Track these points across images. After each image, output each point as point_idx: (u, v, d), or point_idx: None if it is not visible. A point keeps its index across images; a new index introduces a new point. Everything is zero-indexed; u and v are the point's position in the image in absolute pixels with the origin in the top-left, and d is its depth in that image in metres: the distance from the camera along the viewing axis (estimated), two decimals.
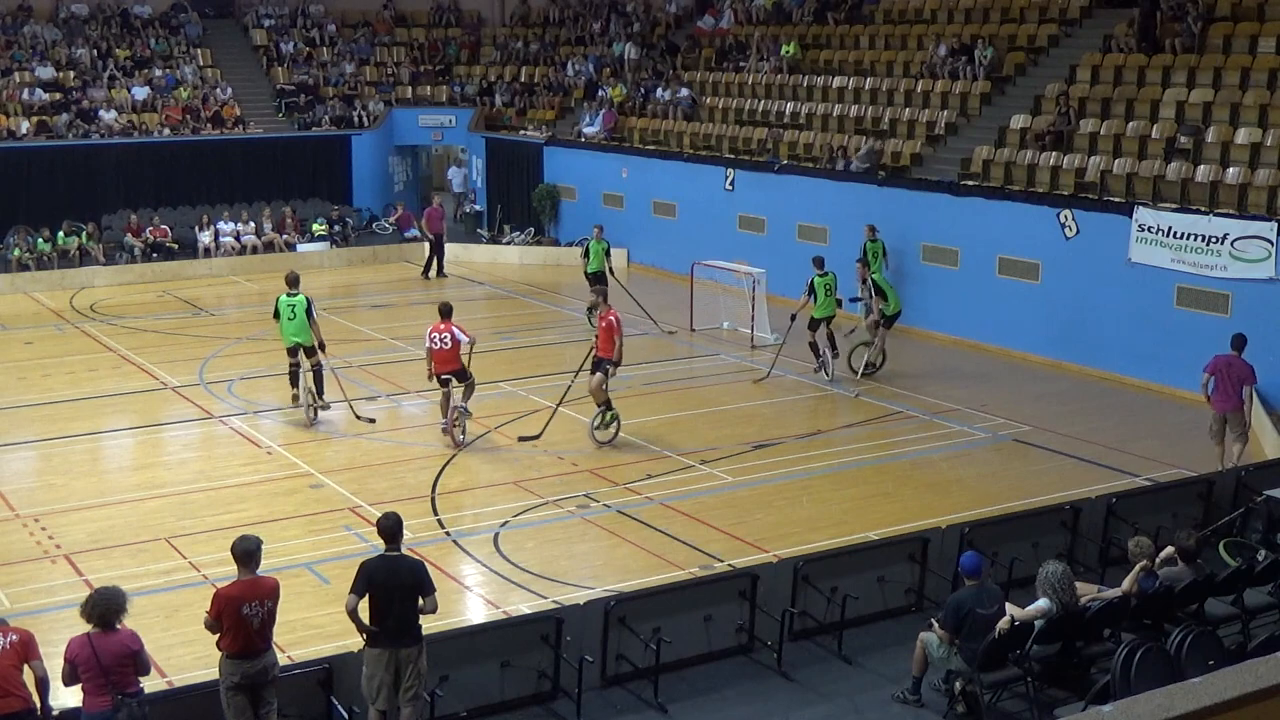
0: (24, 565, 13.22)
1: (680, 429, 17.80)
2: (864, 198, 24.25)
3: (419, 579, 9.03)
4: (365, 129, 33.87)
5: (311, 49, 36.25)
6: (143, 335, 23.33)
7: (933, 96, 26.03)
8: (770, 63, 30.10)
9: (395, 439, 17.49)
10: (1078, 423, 17.89)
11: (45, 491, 15.45)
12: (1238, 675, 4.94)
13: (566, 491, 15.27)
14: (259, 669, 8.70)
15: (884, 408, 18.76)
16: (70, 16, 34.37)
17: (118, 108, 31.70)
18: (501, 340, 22.69)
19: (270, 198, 31.44)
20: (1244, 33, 22.38)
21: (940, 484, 15.63)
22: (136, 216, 29.54)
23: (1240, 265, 18.38)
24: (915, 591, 11.79)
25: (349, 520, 14.28)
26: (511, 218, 32.83)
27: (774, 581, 11.09)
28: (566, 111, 33.97)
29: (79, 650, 8.22)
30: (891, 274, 22.73)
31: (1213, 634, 9.58)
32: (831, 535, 13.57)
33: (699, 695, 10.38)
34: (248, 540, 8.90)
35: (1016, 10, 27.08)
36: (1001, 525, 12.51)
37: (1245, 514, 12.97)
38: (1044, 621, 9.78)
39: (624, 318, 18.46)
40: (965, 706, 9.88)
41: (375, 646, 8.98)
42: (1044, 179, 22.03)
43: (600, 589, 11.98)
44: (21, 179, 29.68)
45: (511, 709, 10.03)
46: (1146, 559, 10.49)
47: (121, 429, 18.15)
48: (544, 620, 10.29)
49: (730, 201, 27.11)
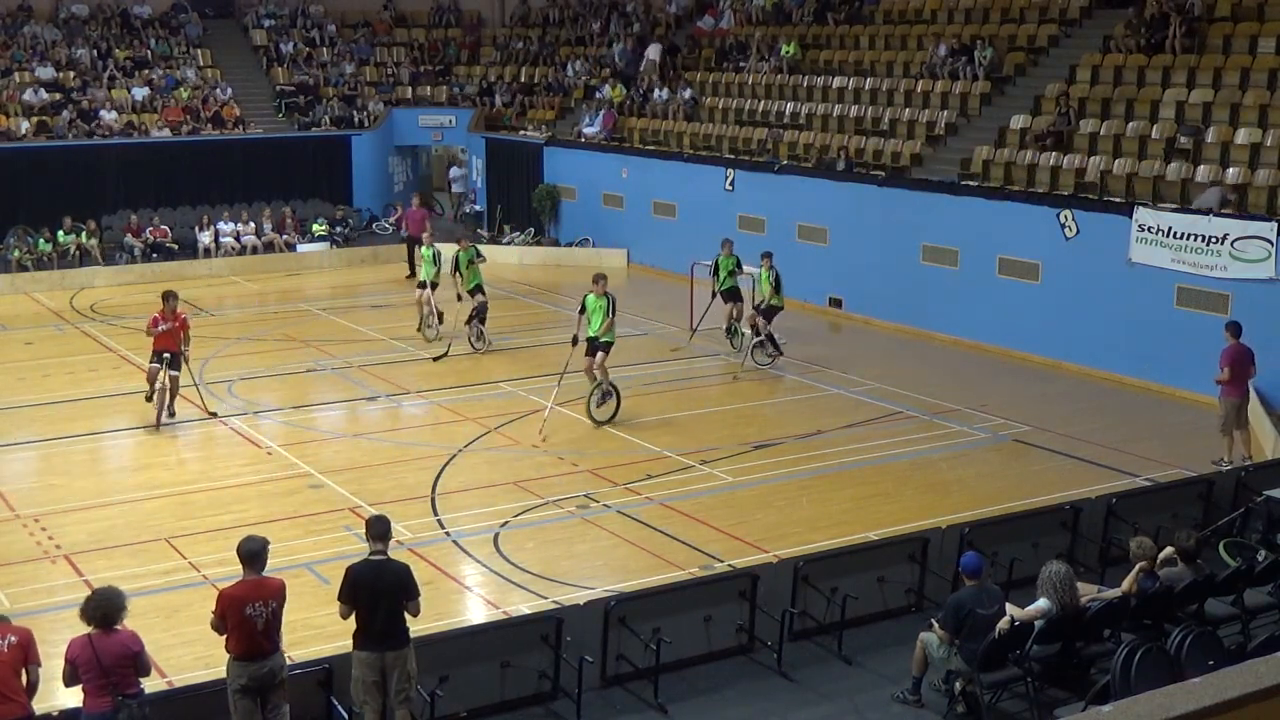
0: (24, 565, 13.23)
1: (680, 429, 17.80)
2: (864, 198, 24.26)
3: (404, 582, 9.04)
4: (365, 129, 33.89)
5: (311, 49, 36.25)
6: (143, 335, 23.26)
7: (933, 96, 26.03)
8: (770, 63, 30.11)
9: (395, 439, 17.49)
10: (1078, 423, 17.88)
11: (45, 491, 15.45)
12: (1238, 675, 4.95)
13: (566, 491, 15.27)
14: (266, 671, 8.66)
15: (884, 408, 18.76)
16: (70, 17, 34.38)
17: (118, 108, 31.70)
18: (501, 340, 22.69)
19: (270, 198, 31.43)
20: (1244, 33, 22.37)
21: (940, 484, 15.62)
22: (136, 217, 29.54)
23: (1240, 265, 18.38)
24: (915, 591, 11.78)
25: (349, 520, 14.27)
26: (511, 218, 32.84)
27: (774, 581, 11.09)
28: (566, 112, 33.97)
29: (79, 651, 8.20)
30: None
31: (1213, 634, 9.57)
32: (831, 535, 13.57)
33: (699, 695, 10.38)
34: (253, 540, 8.89)
35: (1016, 10, 27.08)
36: (1001, 525, 12.51)
37: (1245, 514, 12.97)
38: (1044, 621, 9.79)
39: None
40: (965, 706, 9.89)
41: (362, 649, 9.00)
42: (1044, 179, 22.03)
43: (600, 589, 11.98)
44: (21, 179, 29.67)
45: (511, 709, 10.03)
46: (1147, 559, 10.49)
47: (121, 429, 18.14)
48: (544, 620, 10.29)
49: (730, 201, 27.11)
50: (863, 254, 24.11)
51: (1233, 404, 15.75)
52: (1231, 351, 15.76)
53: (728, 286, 21.86)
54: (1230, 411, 15.74)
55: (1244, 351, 15.78)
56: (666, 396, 19.59)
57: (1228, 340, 15.88)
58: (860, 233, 24.12)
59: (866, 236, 24.02)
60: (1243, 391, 15.86)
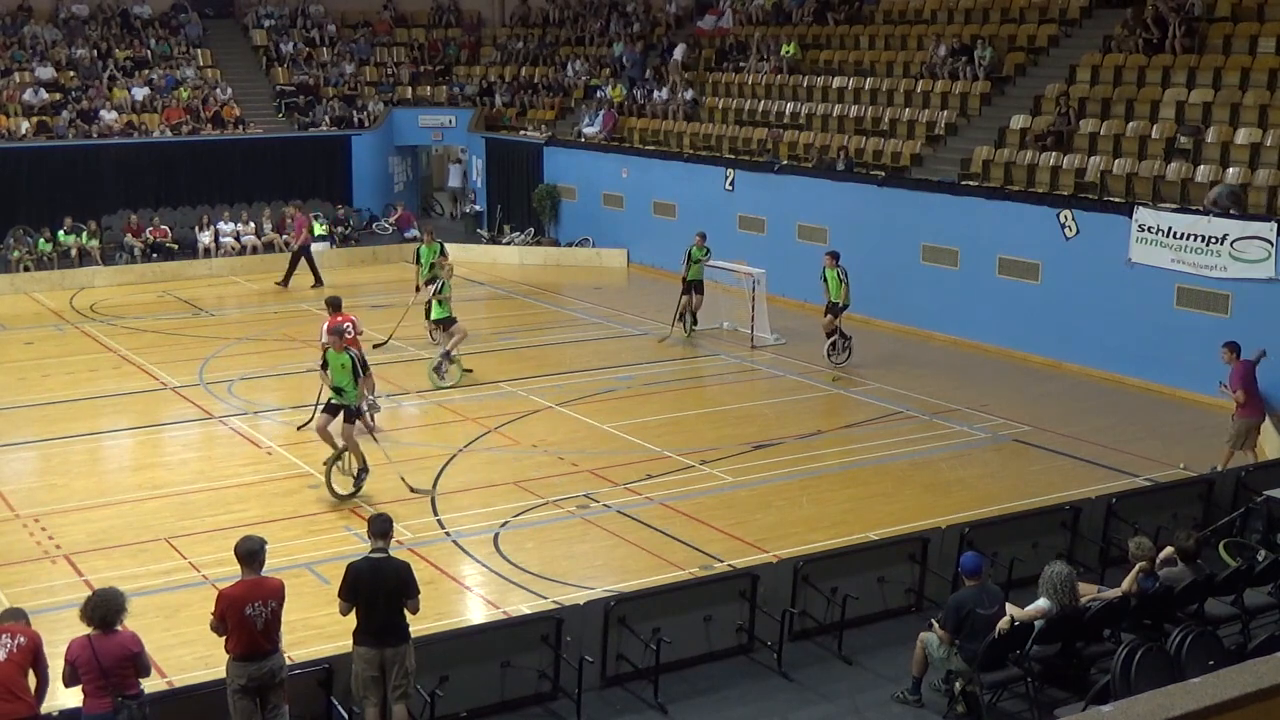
0: (24, 565, 13.22)
1: (680, 429, 17.80)
2: (864, 198, 24.26)
3: (404, 580, 9.10)
4: (365, 129, 33.89)
5: (311, 49, 36.26)
6: (143, 335, 23.33)
7: (933, 96, 26.03)
8: (770, 63, 30.11)
9: (395, 439, 17.48)
10: (1078, 423, 17.88)
11: (45, 491, 15.45)
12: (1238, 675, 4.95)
13: (566, 491, 15.26)
14: (265, 671, 8.68)
15: (884, 408, 18.76)
16: (70, 17, 34.37)
17: (118, 108, 31.70)
18: (501, 340, 22.68)
19: (270, 198, 31.43)
20: (1244, 33, 22.37)
21: (940, 484, 15.62)
22: (136, 216, 29.55)
23: (1240, 265, 18.37)
24: (915, 591, 11.79)
25: (349, 520, 14.28)
26: (511, 218, 32.84)
27: (774, 581, 11.10)
28: (566, 111, 33.97)
29: (79, 652, 8.20)
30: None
31: (1213, 634, 9.58)
32: (831, 535, 13.57)
33: (699, 695, 10.38)
34: (251, 540, 8.91)
35: (1016, 10, 27.09)
36: (1001, 525, 12.52)
37: (1245, 514, 12.96)
38: (1044, 621, 9.79)
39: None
40: (965, 706, 9.89)
41: (362, 646, 9.05)
42: (1044, 179, 22.03)
43: (600, 589, 11.98)
44: (21, 179, 29.67)
45: (511, 709, 10.04)
46: (1146, 559, 10.49)
47: (121, 429, 18.14)
48: (544, 620, 10.30)
49: (730, 201, 27.11)
50: (863, 254, 24.07)
51: (1250, 424, 15.24)
52: (1241, 371, 15.16)
53: (694, 277, 22.44)
54: (1243, 430, 15.21)
55: (1251, 368, 15.27)
56: (666, 396, 19.58)
57: (1230, 361, 15.26)
58: (860, 233, 24.10)
59: (866, 236, 24.01)
60: (1260, 411, 15.32)
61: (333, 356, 14.83)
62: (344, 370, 14.69)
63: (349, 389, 14.73)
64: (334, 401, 14.89)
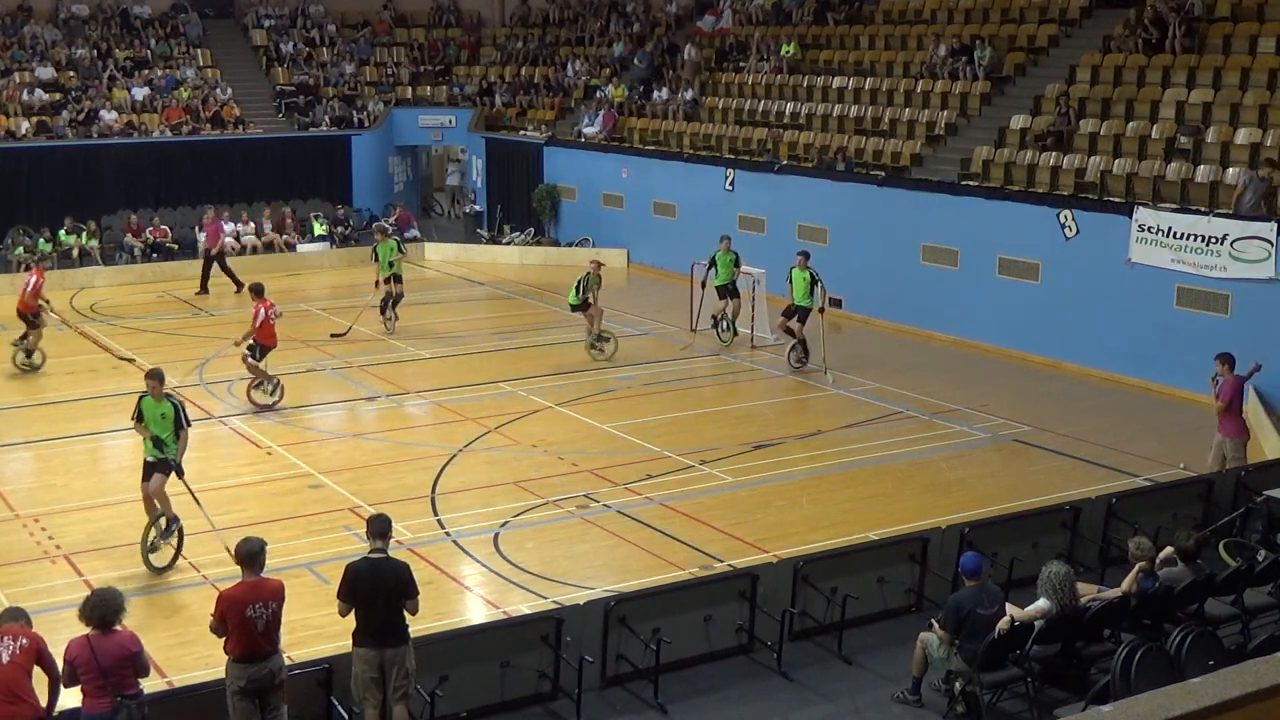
0: (24, 565, 13.22)
1: (680, 429, 17.80)
2: (864, 198, 24.25)
3: (403, 581, 9.08)
4: (365, 129, 33.89)
5: (311, 49, 36.26)
6: (143, 335, 23.32)
7: (933, 96, 26.03)
8: (770, 63, 30.10)
9: (395, 439, 17.48)
10: (1078, 423, 17.88)
11: (45, 491, 15.45)
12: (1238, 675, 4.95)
13: (566, 491, 15.26)
14: (265, 673, 8.68)
15: (884, 408, 18.76)
16: (70, 17, 34.38)
17: (118, 108, 31.70)
18: (501, 340, 22.67)
19: (270, 198, 31.44)
20: (1244, 33, 22.38)
21: (940, 484, 15.62)
22: (136, 216, 29.55)
23: (1240, 265, 18.37)
24: (915, 591, 11.78)
25: (349, 520, 14.27)
26: (511, 218, 32.83)
27: (774, 581, 11.09)
28: (566, 111, 33.97)
29: (78, 652, 8.20)
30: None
31: (1213, 634, 9.57)
32: (831, 535, 13.56)
33: (699, 695, 10.38)
34: (251, 542, 8.91)
35: (1016, 10, 27.09)
36: (1001, 525, 12.51)
37: (1245, 514, 12.95)
38: (1044, 621, 9.79)
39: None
40: (965, 707, 9.89)
41: (361, 647, 9.04)
42: (1044, 179, 22.03)
43: (600, 589, 11.98)
44: (21, 179, 29.68)
45: (511, 709, 10.03)
46: (1145, 559, 10.49)
47: (121, 429, 18.04)
48: (544, 620, 10.29)
49: (730, 201, 27.11)
50: (863, 254, 24.10)
51: (1233, 443, 14.76)
52: (1232, 385, 14.74)
53: (724, 282, 21.99)
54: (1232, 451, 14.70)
55: (1241, 385, 14.85)
56: (666, 396, 19.58)
57: (1223, 374, 14.83)
58: (860, 233, 24.11)
59: (866, 236, 24.02)
60: (1236, 430, 14.77)
61: (149, 406, 12.86)
62: (164, 421, 12.81)
63: (169, 441, 12.85)
64: (150, 459, 12.93)
